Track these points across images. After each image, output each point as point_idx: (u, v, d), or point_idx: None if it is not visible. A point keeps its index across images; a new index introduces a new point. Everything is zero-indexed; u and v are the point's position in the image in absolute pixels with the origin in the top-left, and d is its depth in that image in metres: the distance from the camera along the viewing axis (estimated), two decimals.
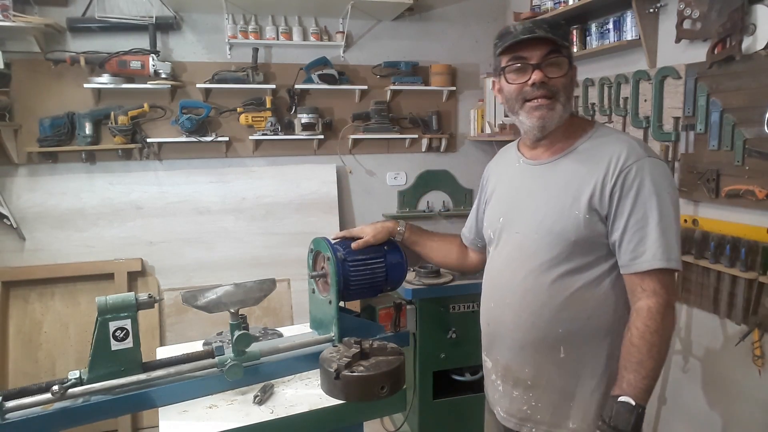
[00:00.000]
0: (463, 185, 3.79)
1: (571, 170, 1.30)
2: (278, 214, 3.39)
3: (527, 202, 1.36)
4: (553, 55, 1.26)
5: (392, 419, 2.87)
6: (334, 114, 3.49)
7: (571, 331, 1.28)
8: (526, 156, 1.42)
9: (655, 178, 1.21)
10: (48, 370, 3.00)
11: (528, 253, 1.32)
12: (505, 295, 1.36)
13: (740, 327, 2.07)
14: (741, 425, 2.13)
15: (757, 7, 1.94)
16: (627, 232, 1.22)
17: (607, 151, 1.26)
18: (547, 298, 1.29)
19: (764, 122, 1.94)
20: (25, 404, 1.17)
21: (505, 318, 1.36)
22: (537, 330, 1.30)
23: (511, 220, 1.39)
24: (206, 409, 1.29)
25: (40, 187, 3.07)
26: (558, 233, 1.27)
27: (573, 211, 1.25)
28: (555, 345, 1.30)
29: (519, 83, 1.29)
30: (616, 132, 1.36)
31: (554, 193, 1.30)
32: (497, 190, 1.50)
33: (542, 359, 1.31)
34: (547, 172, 1.34)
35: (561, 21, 1.36)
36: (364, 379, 1.22)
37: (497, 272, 1.42)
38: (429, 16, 3.62)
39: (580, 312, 1.27)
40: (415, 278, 2.65)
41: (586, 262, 1.26)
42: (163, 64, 3.05)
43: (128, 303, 1.25)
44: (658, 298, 1.19)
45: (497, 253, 1.43)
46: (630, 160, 1.23)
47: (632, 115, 2.58)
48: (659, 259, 1.18)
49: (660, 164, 1.25)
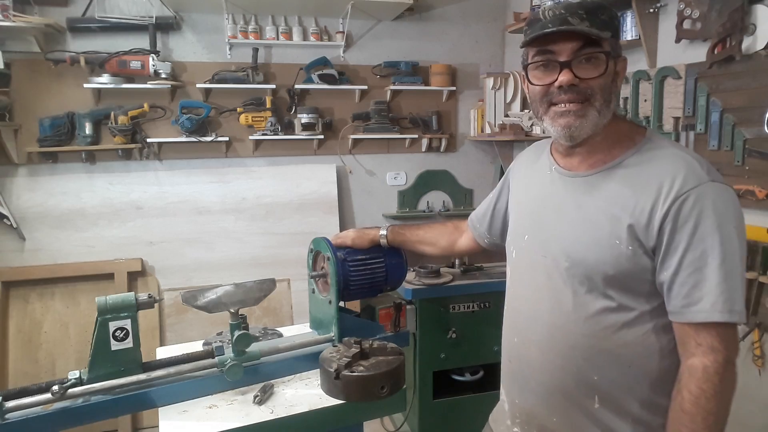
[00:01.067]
0: (463, 185, 3.79)
1: (613, 190, 1.08)
2: (278, 214, 3.39)
3: (558, 221, 1.16)
4: (588, 50, 1.03)
5: (392, 419, 2.87)
6: (334, 114, 3.49)
7: (609, 379, 1.09)
8: (559, 164, 1.20)
9: (719, 208, 0.99)
10: (48, 370, 3.00)
11: (557, 283, 1.13)
12: (531, 330, 1.19)
13: (740, 327, 2.07)
14: (741, 425, 2.13)
15: (757, 7, 1.94)
16: (680, 273, 1.00)
17: (659, 170, 1.04)
18: (579, 338, 1.10)
19: (764, 122, 1.94)
20: (25, 404, 1.16)
21: (530, 357, 1.19)
22: (567, 375, 1.13)
23: (538, 241, 1.19)
24: (206, 409, 1.29)
25: (40, 187, 3.07)
26: (592, 264, 1.07)
27: (612, 240, 1.05)
28: (588, 394, 1.11)
29: (545, 84, 1.08)
30: (672, 145, 1.10)
31: (591, 216, 1.09)
32: (523, 199, 1.31)
33: (572, 409, 1.13)
34: (584, 187, 1.13)
35: (604, 3, 1.07)
36: (364, 379, 1.22)
37: (522, 301, 1.24)
38: (429, 16, 3.62)
39: (619, 358, 1.08)
40: (415, 278, 2.65)
41: (627, 300, 1.07)
42: (163, 64, 3.05)
43: (128, 303, 1.25)
44: (717, 356, 0.99)
45: (520, 277, 1.25)
46: (688, 184, 1.00)
47: (632, 115, 2.57)
48: (719, 311, 0.98)
49: (726, 191, 1.03)
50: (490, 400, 1.43)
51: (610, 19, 1.06)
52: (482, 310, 2.70)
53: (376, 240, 1.59)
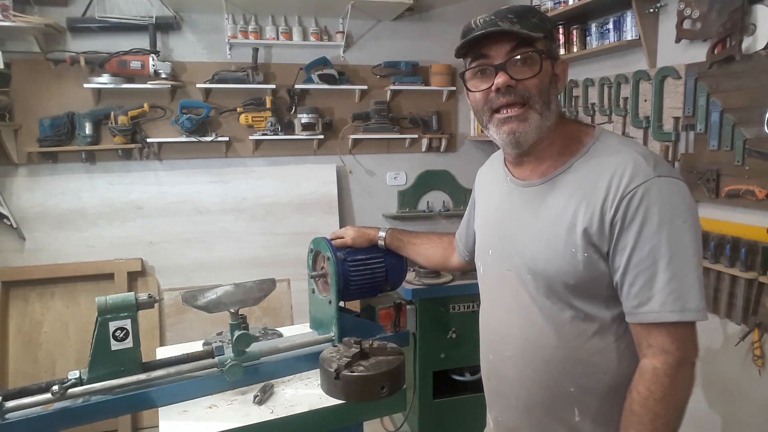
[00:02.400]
0: (463, 185, 3.78)
1: (565, 196, 1.06)
2: (278, 214, 3.39)
3: (517, 233, 1.13)
4: (521, 50, 1.02)
5: (392, 419, 2.87)
6: (334, 114, 3.49)
7: (587, 390, 1.07)
8: (513, 174, 1.18)
9: (666, 203, 0.96)
10: (48, 370, 3.00)
11: (524, 297, 1.11)
12: (505, 346, 1.17)
13: (740, 327, 2.07)
14: (741, 425, 2.13)
15: (757, 7, 1.94)
16: (628, 272, 0.98)
17: (607, 169, 1.02)
18: (552, 351, 1.08)
19: (764, 122, 1.94)
20: (25, 404, 1.17)
21: (507, 373, 1.17)
22: (544, 389, 1.10)
23: (501, 255, 1.18)
24: (206, 409, 1.29)
25: (40, 187, 3.07)
26: (553, 275, 1.05)
27: (569, 248, 1.03)
28: (567, 406, 1.09)
29: (483, 90, 1.06)
30: (620, 142, 1.07)
31: (546, 225, 1.07)
32: (485, 212, 1.29)
33: (553, 423, 1.11)
34: (539, 197, 1.10)
35: (533, 7, 1.12)
36: (364, 379, 1.22)
37: (493, 317, 1.22)
38: (429, 16, 3.62)
39: (594, 366, 1.06)
40: (415, 278, 2.65)
41: (592, 307, 1.05)
42: (163, 64, 3.05)
43: (128, 303, 1.25)
44: (667, 357, 0.96)
45: (489, 293, 1.23)
46: (635, 181, 0.98)
47: (632, 116, 2.58)
48: (669, 310, 0.95)
49: (674, 184, 0.99)
50: None
51: (542, 22, 1.06)
52: None
53: (374, 241, 1.61)
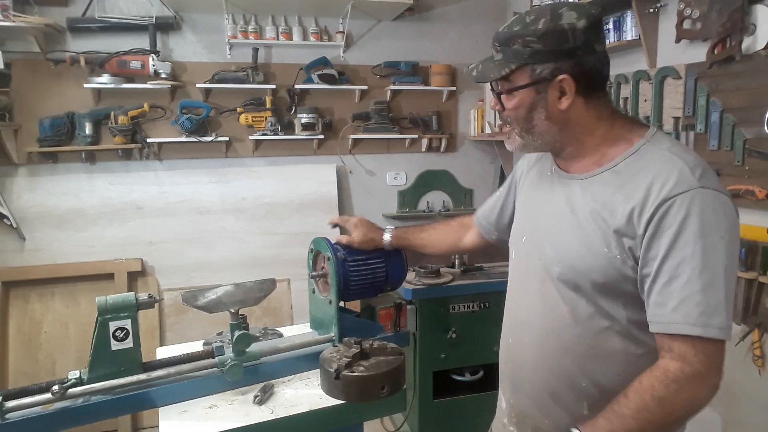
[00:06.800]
0: (463, 185, 3.79)
1: (605, 194, 1.04)
2: (278, 214, 3.39)
3: (552, 224, 1.14)
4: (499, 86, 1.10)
5: (392, 419, 2.87)
6: (334, 114, 3.49)
7: (598, 386, 1.07)
8: (559, 165, 1.19)
9: (706, 215, 0.93)
10: (48, 370, 3.00)
11: (549, 287, 1.12)
12: (525, 332, 1.18)
13: (740, 327, 2.07)
14: (741, 425, 2.13)
15: (757, 7, 1.94)
16: (658, 280, 0.96)
17: (649, 172, 0.99)
18: (569, 344, 1.09)
19: (764, 122, 1.94)
20: (25, 404, 1.17)
21: (523, 359, 1.19)
22: (557, 380, 1.12)
23: (534, 243, 1.18)
24: (206, 409, 1.29)
25: (40, 187, 3.06)
26: (582, 271, 1.05)
27: (602, 247, 1.02)
28: (578, 399, 1.10)
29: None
30: (670, 147, 1.03)
31: (582, 221, 1.07)
32: (526, 199, 1.29)
33: (563, 413, 1.12)
34: (579, 190, 1.10)
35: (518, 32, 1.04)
36: (364, 379, 1.22)
37: (517, 303, 1.24)
38: (429, 16, 3.62)
39: (608, 366, 1.06)
40: (415, 278, 2.65)
41: (616, 308, 1.04)
42: (163, 64, 3.05)
43: (128, 303, 1.25)
44: (685, 366, 0.93)
45: (518, 279, 1.25)
46: (677, 189, 0.95)
47: (632, 115, 2.58)
48: (692, 324, 0.92)
49: (717, 198, 0.96)
50: (490, 400, 1.43)
51: (524, 47, 1.03)
52: (482, 310, 2.70)
53: (379, 245, 1.60)
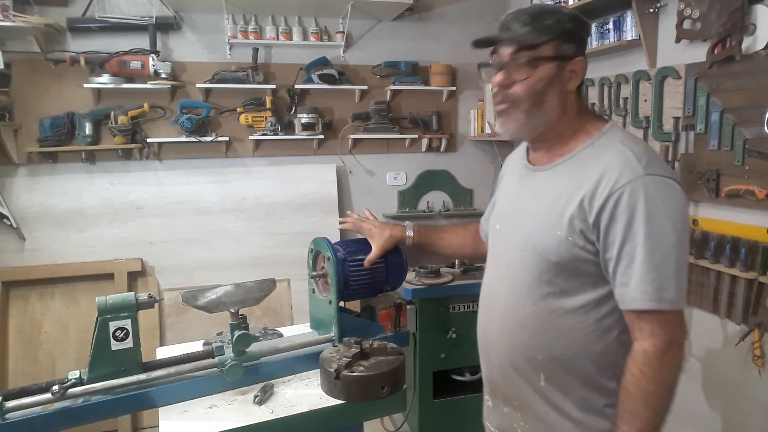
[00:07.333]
0: (463, 185, 3.78)
1: (563, 182, 1.15)
2: (278, 214, 3.39)
3: (519, 212, 1.25)
4: (522, 53, 1.11)
5: (392, 419, 2.87)
6: (334, 114, 3.49)
7: (552, 359, 1.17)
8: (528, 158, 1.30)
9: (652, 201, 1.03)
10: (48, 370, 3.00)
11: (513, 269, 1.23)
12: (492, 310, 1.30)
13: (740, 327, 2.07)
14: (741, 425, 2.13)
15: (757, 7, 1.94)
16: (620, 263, 1.06)
17: (601, 163, 1.09)
18: (526, 320, 1.19)
19: (764, 122, 1.94)
20: (25, 404, 1.17)
21: (491, 334, 1.30)
22: (516, 352, 1.22)
23: (504, 230, 1.30)
24: (206, 409, 1.29)
25: (40, 187, 3.06)
26: (540, 252, 1.15)
27: (555, 230, 1.12)
28: (535, 371, 1.20)
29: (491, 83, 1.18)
30: (623, 139, 1.13)
31: (543, 207, 1.17)
32: (503, 192, 1.40)
33: (524, 384, 1.23)
34: (542, 180, 1.21)
35: (554, 8, 1.16)
36: (364, 379, 1.23)
37: (487, 284, 1.35)
38: (429, 16, 3.62)
39: (561, 340, 1.16)
40: (415, 278, 2.65)
41: (572, 287, 1.14)
42: (163, 64, 3.05)
43: (128, 303, 1.25)
44: (656, 340, 1.05)
45: (491, 262, 1.36)
46: (623, 179, 1.05)
47: (632, 115, 2.58)
48: (648, 299, 1.03)
49: (663, 183, 1.05)
50: None
51: (557, 23, 1.11)
52: None
53: (402, 241, 1.61)
